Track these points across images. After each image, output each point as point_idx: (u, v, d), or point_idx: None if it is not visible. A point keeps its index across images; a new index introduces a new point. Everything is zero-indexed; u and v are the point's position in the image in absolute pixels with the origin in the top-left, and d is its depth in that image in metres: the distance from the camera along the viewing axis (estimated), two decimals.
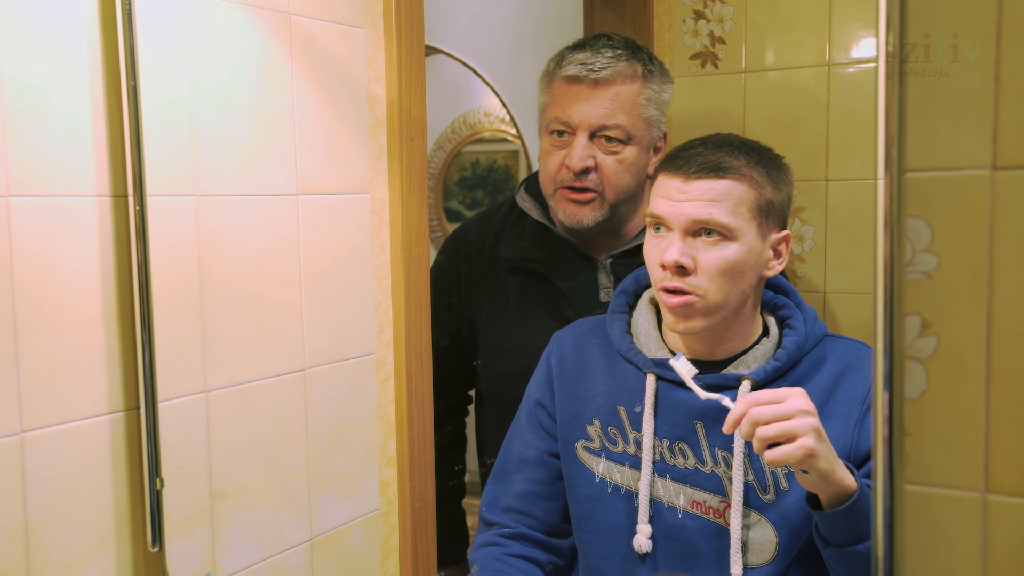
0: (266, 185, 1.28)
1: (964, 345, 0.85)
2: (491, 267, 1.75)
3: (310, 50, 1.33)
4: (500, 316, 1.73)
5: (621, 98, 1.59)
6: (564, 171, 1.61)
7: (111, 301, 1.11)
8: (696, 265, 1.25)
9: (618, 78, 1.59)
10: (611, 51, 1.60)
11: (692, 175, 1.25)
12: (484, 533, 1.47)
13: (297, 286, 1.34)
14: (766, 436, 1.12)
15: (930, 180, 0.85)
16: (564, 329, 1.49)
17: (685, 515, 1.30)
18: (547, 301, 1.69)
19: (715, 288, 1.25)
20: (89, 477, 1.10)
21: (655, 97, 1.62)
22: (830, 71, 1.95)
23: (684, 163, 1.27)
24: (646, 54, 1.64)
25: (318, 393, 1.38)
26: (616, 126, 1.59)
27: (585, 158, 1.59)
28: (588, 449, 1.37)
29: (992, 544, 0.85)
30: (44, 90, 1.04)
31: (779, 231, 1.30)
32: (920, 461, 0.87)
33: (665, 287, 1.27)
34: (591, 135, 1.59)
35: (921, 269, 0.86)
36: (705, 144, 1.30)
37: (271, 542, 1.32)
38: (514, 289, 1.72)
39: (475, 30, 4.27)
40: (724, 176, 1.25)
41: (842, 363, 1.30)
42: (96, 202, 1.09)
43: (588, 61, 1.59)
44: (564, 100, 1.61)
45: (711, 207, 1.24)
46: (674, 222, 1.26)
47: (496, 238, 1.76)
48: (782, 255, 1.31)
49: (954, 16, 0.83)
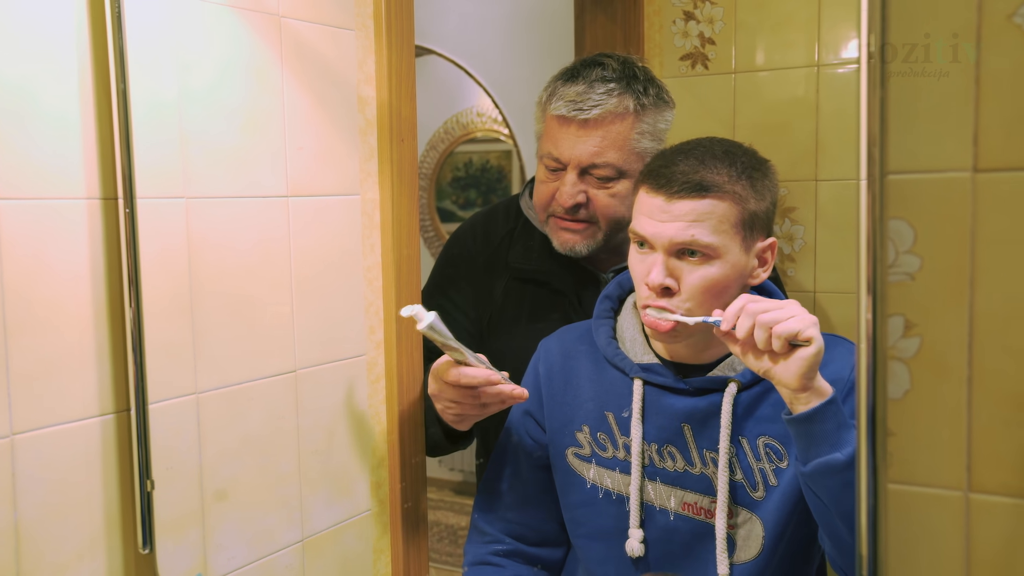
0: (256, 187, 1.29)
1: (947, 345, 0.86)
2: (496, 271, 1.74)
3: (300, 52, 1.34)
4: (508, 323, 1.72)
5: (611, 135, 1.54)
6: (555, 204, 1.60)
7: (101, 303, 1.11)
8: (680, 286, 1.24)
9: (608, 117, 1.53)
10: (603, 85, 1.54)
11: (674, 195, 1.24)
12: (477, 544, 1.48)
13: (288, 288, 1.34)
14: (768, 321, 1.12)
15: (912, 182, 0.86)
16: (550, 337, 1.49)
17: (677, 517, 1.30)
18: (554, 310, 1.68)
19: (698, 306, 1.25)
20: (80, 479, 1.10)
21: (649, 129, 1.57)
22: (819, 71, 1.96)
23: (666, 181, 1.25)
24: (642, 83, 1.57)
25: (309, 394, 1.38)
26: (606, 164, 1.54)
27: (575, 195, 1.56)
28: (578, 456, 1.38)
29: (975, 542, 0.86)
30: (32, 92, 1.04)
31: (764, 239, 1.29)
32: (904, 460, 0.87)
33: (649, 305, 1.27)
34: (581, 172, 1.56)
35: (904, 270, 0.87)
36: (687, 157, 1.27)
37: (263, 543, 1.32)
38: (523, 297, 1.71)
39: (466, 31, 4.28)
40: (706, 195, 1.23)
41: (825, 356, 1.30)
42: (86, 204, 1.09)
43: (578, 99, 1.53)
44: (555, 137, 1.57)
45: (693, 228, 1.23)
46: (656, 242, 1.25)
47: (501, 242, 1.75)
48: (767, 262, 1.30)
49: (935, 18, 0.84)
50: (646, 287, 1.26)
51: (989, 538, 0.85)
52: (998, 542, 0.85)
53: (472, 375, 1.32)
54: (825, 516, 1.17)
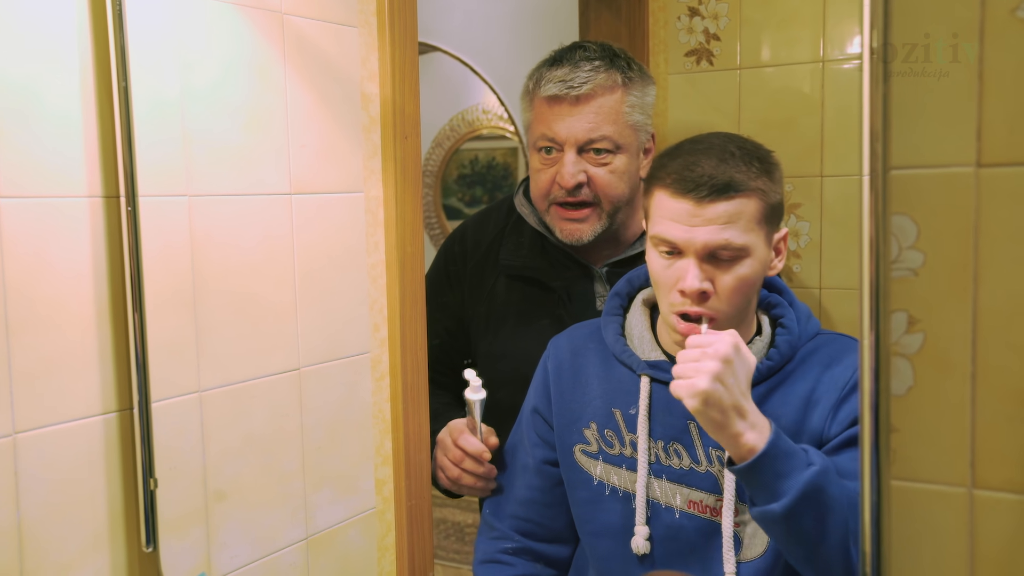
0: (259, 185, 1.28)
1: (950, 341, 0.85)
2: (488, 269, 1.75)
3: (303, 49, 1.34)
4: (499, 321, 1.72)
5: (605, 109, 1.57)
6: (556, 188, 1.60)
7: (104, 301, 1.11)
8: (715, 287, 1.24)
9: (599, 91, 1.57)
10: (588, 63, 1.58)
11: (705, 199, 1.22)
12: (487, 540, 1.49)
13: (291, 285, 1.34)
14: (676, 372, 1.15)
15: (915, 177, 0.85)
16: (560, 334, 1.49)
17: (683, 515, 1.30)
18: (547, 307, 1.68)
19: (731, 306, 1.25)
20: (82, 478, 1.10)
21: (638, 102, 1.60)
22: (824, 67, 1.96)
23: (695, 185, 1.22)
24: (624, 60, 1.62)
25: (313, 392, 1.38)
26: (603, 138, 1.57)
27: (576, 174, 1.57)
28: (586, 452, 1.38)
29: (979, 539, 0.85)
30: (35, 90, 1.04)
31: (780, 230, 1.30)
32: (907, 457, 0.87)
33: (682, 312, 1.25)
34: (579, 150, 1.58)
35: (907, 266, 0.86)
36: (708, 157, 1.25)
37: (266, 541, 1.32)
38: (513, 295, 1.72)
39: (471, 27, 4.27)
40: (735, 196, 1.22)
41: (830, 355, 1.30)
42: (88, 202, 1.09)
43: (567, 78, 1.57)
44: (548, 119, 1.59)
45: (726, 231, 1.21)
46: (689, 248, 1.23)
47: (494, 240, 1.76)
48: (782, 252, 1.31)
49: (938, 13, 0.83)
50: (679, 294, 1.24)
51: (993, 534, 0.85)
52: (1002, 538, 0.84)
53: (470, 444, 1.51)
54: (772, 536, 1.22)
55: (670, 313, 1.27)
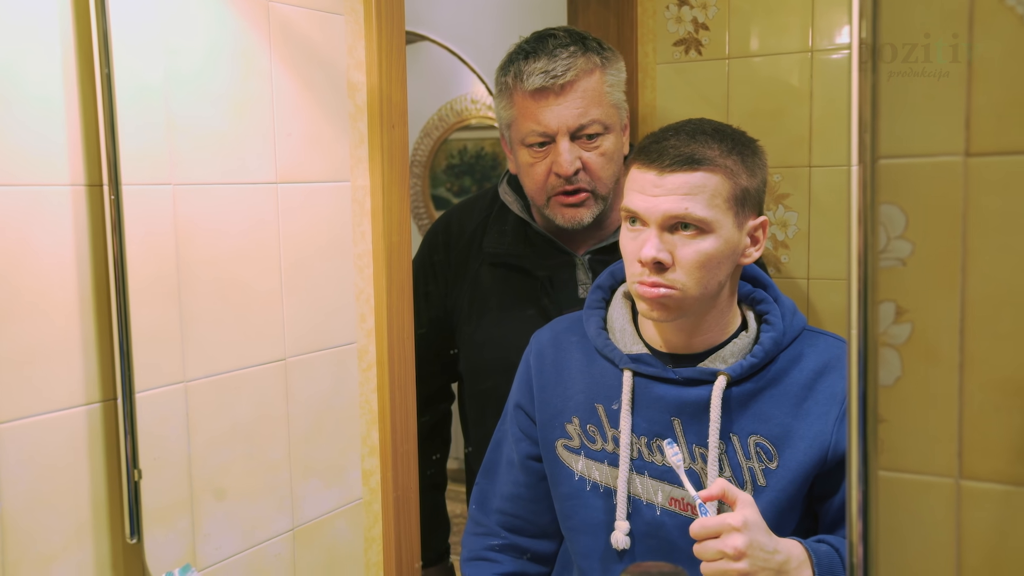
0: (245, 173, 1.27)
1: (938, 332, 0.85)
2: (471, 257, 1.75)
3: (288, 36, 1.32)
4: (481, 308, 1.72)
5: (589, 93, 1.58)
6: (553, 179, 1.60)
7: (87, 290, 1.10)
8: (674, 260, 1.23)
9: (581, 75, 1.58)
10: (564, 51, 1.59)
11: (666, 168, 1.23)
12: (473, 537, 1.48)
13: (277, 275, 1.33)
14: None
15: (904, 167, 0.85)
16: (543, 328, 1.48)
17: (664, 512, 1.29)
18: (528, 294, 1.69)
19: (693, 281, 1.24)
20: (66, 468, 1.09)
21: (616, 80, 1.63)
22: (813, 57, 1.95)
23: (658, 156, 1.24)
24: (594, 41, 1.63)
25: (299, 382, 1.37)
26: (592, 121, 1.58)
27: (573, 161, 1.58)
28: (568, 447, 1.37)
29: (965, 529, 0.85)
30: (15, 74, 1.02)
31: (755, 217, 1.29)
32: (894, 447, 0.87)
33: (642, 282, 1.25)
34: (571, 137, 1.59)
35: (895, 256, 0.86)
36: (678, 134, 1.27)
37: (252, 532, 1.31)
38: (496, 282, 1.72)
39: (460, 17, 4.25)
40: (698, 168, 1.23)
41: (821, 361, 1.29)
42: (71, 191, 1.08)
43: (548, 68, 1.57)
44: (534, 112, 1.59)
45: (686, 201, 1.22)
46: (650, 217, 1.24)
47: (477, 229, 1.76)
48: (759, 241, 1.30)
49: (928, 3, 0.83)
50: (638, 264, 1.25)
51: (980, 525, 0.85)
52: (989, 529, 0.84)
53: None
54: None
55: (633, 283, 1.27)
